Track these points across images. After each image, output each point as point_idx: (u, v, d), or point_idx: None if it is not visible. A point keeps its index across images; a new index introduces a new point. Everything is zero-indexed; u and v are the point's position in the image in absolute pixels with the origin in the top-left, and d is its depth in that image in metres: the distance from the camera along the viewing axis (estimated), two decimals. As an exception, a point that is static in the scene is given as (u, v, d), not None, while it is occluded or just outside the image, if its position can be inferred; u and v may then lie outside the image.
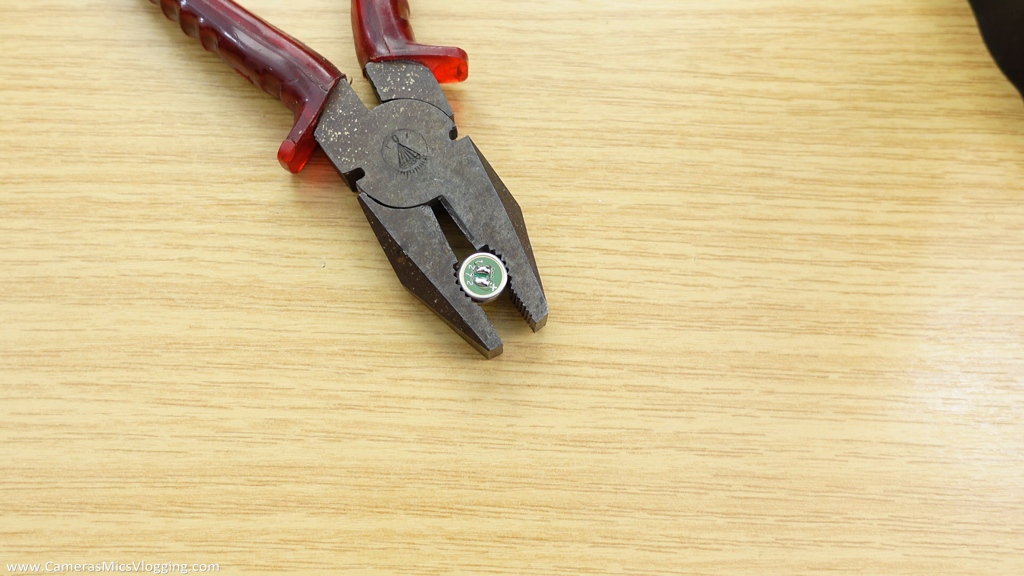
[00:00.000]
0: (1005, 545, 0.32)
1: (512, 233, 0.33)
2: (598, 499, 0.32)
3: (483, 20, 0.39)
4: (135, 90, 0.38)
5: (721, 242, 0.35)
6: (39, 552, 0.32)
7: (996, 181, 0.36)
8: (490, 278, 0.33)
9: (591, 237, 0.35)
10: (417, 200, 0.34)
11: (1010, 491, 0.32)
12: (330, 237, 0.36)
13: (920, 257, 0.35)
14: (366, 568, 0.32)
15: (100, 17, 0.39)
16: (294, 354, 0.34)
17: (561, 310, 0.35)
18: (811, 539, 0.32)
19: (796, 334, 0.34)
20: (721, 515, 0.32)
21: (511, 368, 0.34)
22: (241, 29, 0.35)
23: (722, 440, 0.33)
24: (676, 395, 0.34)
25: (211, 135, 0.37)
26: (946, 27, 0.38)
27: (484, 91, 0.38)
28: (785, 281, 0.35)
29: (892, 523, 0.32)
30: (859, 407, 0.33)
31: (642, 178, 0.36)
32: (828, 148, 0.37)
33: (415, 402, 0.34)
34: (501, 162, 0.37)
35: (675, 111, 0.37)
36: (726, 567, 0.32)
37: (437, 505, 0.32)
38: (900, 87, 0.37)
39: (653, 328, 0.34)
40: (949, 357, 0.34)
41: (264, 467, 0.33)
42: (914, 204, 0.36)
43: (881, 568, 0.32)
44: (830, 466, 0.33)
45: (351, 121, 0.35)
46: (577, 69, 0.38)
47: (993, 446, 0.33)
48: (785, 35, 0.38)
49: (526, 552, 0.32)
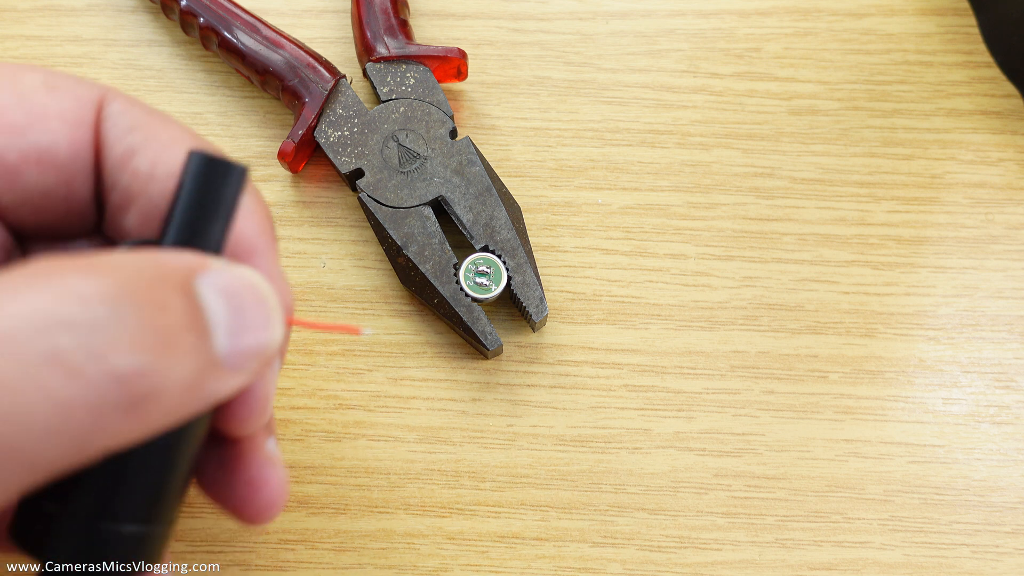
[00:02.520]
0: (1005, 545, 0.32)
1: (512, 233, 0.33)
2: (598, 499, 0.32)
3: (483, 20, 0.39)
4: (135, 90, 0.38)
5: (721, 242, 0.35)
6: (39, 552, 0.32)
7: (996, 181, 0.36)
8: (490, 278, 0.33)
9: (591, 237, 0.35)
10: (417, 200, 0.34)
11: (1010, 491, 0.32)
12: (330, 237, 0.36)
13: (920, 257, 0.35)
14: (366, 568, 0.32)
15: (100, 17, 0.39)
16: (294, 354, 0.34)
17: (561, 310, 0.35)
18: (811, 539, 0.32)
19: (796, 334, 0.34)
20: (721, 515, 0.32)
21: (511, 368, 0.34)
22: (241, 29, 0.35)
23: (722, 440, 0.33)
24: (676, 395, 0.34)
25: (211, 135, 0.37)
26: (946, 27, 0.38)
27: (484, 91, 0.38)
28: (785, 281, 0.35)
29: (892, 523, 0.32)
30: (859, 407, 0.33)
31: (642, 178, 0.36)
32: (828, 148, 0.37)
33: (415, 402, 0.34)
34: (501, 162, 0.37)
35: (675, 111, 0.37)
36: (726, 567, 0.32)
37: (437, 505, 0.32)
38: (900, 87, 0.37)
39: (653, 328, 0.34)
40: (949, 357, 0.34)
41: (264, 467, 0.33)
42: (914, 204, 0.36)
43: (881, 568, 0.32)
44: (830, 466, 0.33)
45: (351, 121, 0.35)
46: (577, 69, 0.38)
47: (993, 446, 0.33)
48: (785, 35, 0.38)
49: (526, 552, 0.32)
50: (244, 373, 0.19)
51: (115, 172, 0.22)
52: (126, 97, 0.23)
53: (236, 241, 0.22)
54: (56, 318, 0.16)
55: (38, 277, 0.17)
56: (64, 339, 0.16)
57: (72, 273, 0.17)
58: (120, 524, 0.20)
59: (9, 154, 0.21)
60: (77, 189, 0.22)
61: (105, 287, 0.16)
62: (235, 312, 0.19)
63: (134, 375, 0.16)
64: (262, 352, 0.19)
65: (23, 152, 0.21)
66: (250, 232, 0.22)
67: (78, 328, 0.16)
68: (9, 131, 0.21)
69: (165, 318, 0.17)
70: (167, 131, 0.22)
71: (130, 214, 0.22)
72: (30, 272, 0.17)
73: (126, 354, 0.16)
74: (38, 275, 0.17)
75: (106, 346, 0.16)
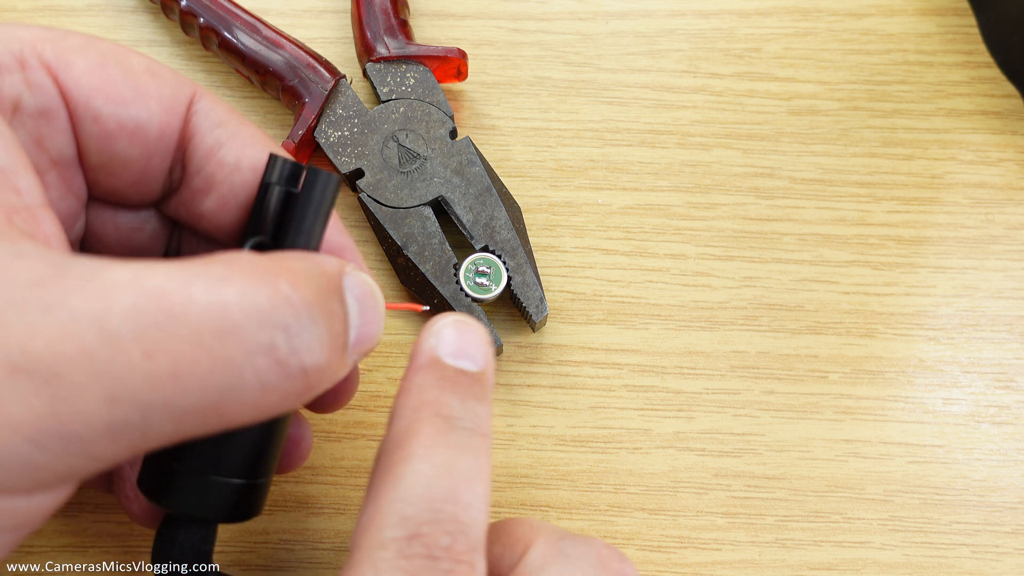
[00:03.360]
0: (1005, 545, 0.32)
1: (512, 233, 0.33)
2: (598, 499, 0.32)
3: (483, 20, 0.39)
4: (135, 90, 0.38)
5: (721, 242, 0.35)
6: (39, 552, 0.32)
7: (996, 181, 0.36)
8: (490, 278, 0.33)
9: (591, 237, 0.35)
10: (417, 200, 0.34)
11: (1010, 491, 0.32)
12: (330, 237, 0.36)
13: (920, 257, 0.35)
14: (366, 568, 0.32)
15: (100, 17, 0.39)
16: (294, 354, 0.34)
17: (561, 310, 0.35)
18: (811, 539, 0.32)
19: (796, 334, 0.34)
20: (721, 515, 0.32)
21: (511, 368, 0.34)
22: (241, 29, 0.35)
23: (722, 440, 0.33)
24: (676, 395, 0.34)
25: (211, 135, 0.37)
26: (946, 27, 0.38)
27: (484, 91, 0.38)
28: (785, 281, 0.35)
29: (892, 523, 0.32)
30: (859, 407, 0.33)
31: (642, 178, 0.36)
32: (828, 148, 0.37)
33: (415, 402, 0.33)
34: (501, 162, 0.37)
35: (675, 111, 0.37)
36: (726, 567, 0.32)
37: (437, 505, 0.32)
38: (900, 87, 0.37)
39: (653, 328, 0.34)
40: (949, 357, 0.34)
41: (264, 467, 0.33)
42: (914, 204, 0.36)
43: (881, 568, 0.32)
44: (830, 466, 0.33)
45: (351, 121, 0.35)
46: (577, 69, 0.38)
47: (993, 446, 0.33)
48: (785, 35, 0.38)
49: (526, 552, 0.32)
50: (355, 360, 0.23)
51: (202, 160, 0.26)
52: (213, 96, 0.26)
53: (329, 240, 0.26)
54: (273, 320, 0.20)
55: (248, 271, 0.21)
56: (279, 337, 0.20)
57: (281, 276, 0.21)
58: (229, 478, 0.24)
59: (110, 121, 0.24)
60: (155, 165, 0.25)
61: (303, 296, 0.21)
62: (362, 312, 0.23)
63: (314, 370, 0.21)
64: (372, 344, 0.24)
65: (121, 122, 0.24)
66: (338, 232, 0.27)
67: (288, 330, 0.20)
68: (115, 102, 0.24)
69: (337, 325, 0.22)
70: (248, 130, 0.26)
71: (209, 198, 0.26)
72: (238, 265, 0.21)
73: (316, 353, 0.21)
74: (246, 269, 0.21)
75: (304, 347, 0.21)
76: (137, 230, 0.28)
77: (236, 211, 0.26)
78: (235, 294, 0.20)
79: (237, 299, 0.20)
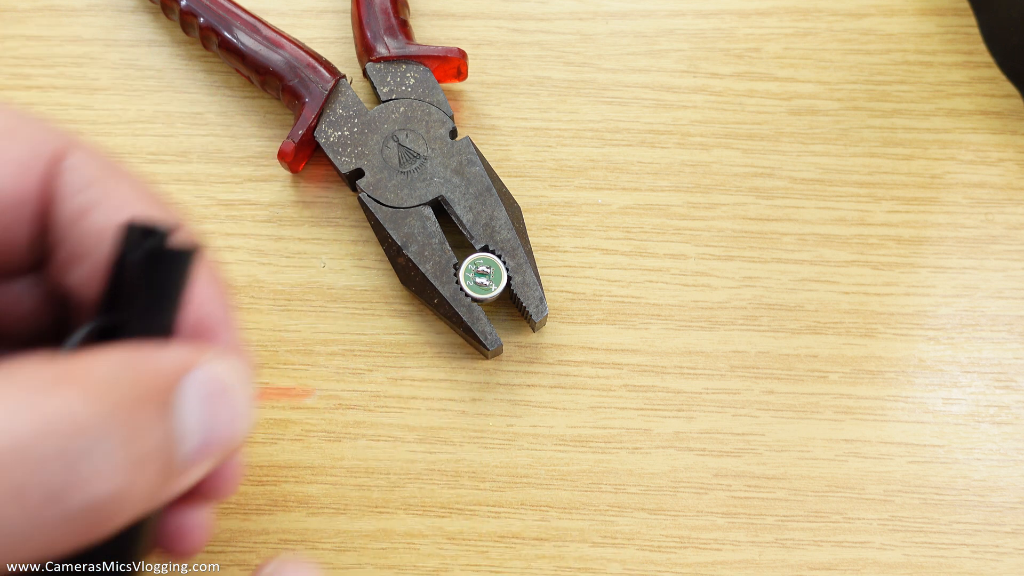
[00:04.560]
0: (1005, 545, 0.32)
1: (512, 233, 0.33)
2: (598, 499, 0.32)
3: (483, 20, 0.39)
4: (135, 90, 0.38)
5: (721, 242, 0.35)
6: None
7: (996, 181, 0.36)
8: (490, 278, 0.33)
9: (591, 237, 0.35)
10: (417, 200, 0.34)
11: (1010, 491, 0.32)
12: (330, 237, 0.36)
13: (920, 257, 0.35)
14: (366, 568, 0.32)
15: (100, 17, 0.39)
16: (294, 354, 0.34)
17: (561, 310, 0.35)
18: (811, 539, 0.32)
19: (796, 334, 0.34)
20: (721, 515, 0.32)
21: (511, 368, 0.34)
22: (241, 29, 0.35)
23: (722, 440, 0.33)
24: (676, 395, 0.34)
25: (211, 135, 0.37)
26: (946, 27, 0.38)
27: (484, 91, 0.38)
28: (785, 281, 0.35)
29: (892, 523, 0.32)
30: (859, 407, 0.33)
31: (642, 178, 0.36)
32: (828, 148, 0.37)
33: (415, 402, 0.34)
34: (501, 162, 0.37)
35: (675, 111, 0.37)
36: (726, 567, 0.32)
37: (437, 505, 0.32)
38: (900, 87, 0.37)
39: (653, 328, 0.34)
40: (949, 357, 0.34)
41: (264, 467, 0.33)
42: (914, 204, 0.36)
43: (881, 568, 0.32)
44: (830, 466, 0.33)
45: (351, 121, 0.35)
46: (577, 69, 0.38)
47: (993, 446, 0.33)
48: (785, 35, 0.38)
49: (526, 552, 0.32)
50: (208, 464, 0.20)
51: (66, 228, 0.22)
52: (88, 149, 0.23)
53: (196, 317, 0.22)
54: (45, 447, 0.17)
55: (30, 383, 0.17)
56: (52, 466, 0.17)
57: (73, 387, 0.17)
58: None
59: None
60: (14, 235, 0.22)
61: (95, 410, 0.17)
62: (211, 413, 0.20)
63: (106, 500, 0.18)
64: (228, 445, 0.20)
65: None
66: (209, 306, 0.23)
67: (65, 455, 0.17)
68: None
69: (143, 444, 0.18)
70: (124, 189, 0.22)
71: (77, 271, 0.22)
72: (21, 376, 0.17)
73: (106, 480, 0.17)
74: (29, 382, 0.17)
75: (89, 475, 0.17)
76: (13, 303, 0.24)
77: None
78: (2, 416, 0.17)
79: (4, 423, 0.17)
